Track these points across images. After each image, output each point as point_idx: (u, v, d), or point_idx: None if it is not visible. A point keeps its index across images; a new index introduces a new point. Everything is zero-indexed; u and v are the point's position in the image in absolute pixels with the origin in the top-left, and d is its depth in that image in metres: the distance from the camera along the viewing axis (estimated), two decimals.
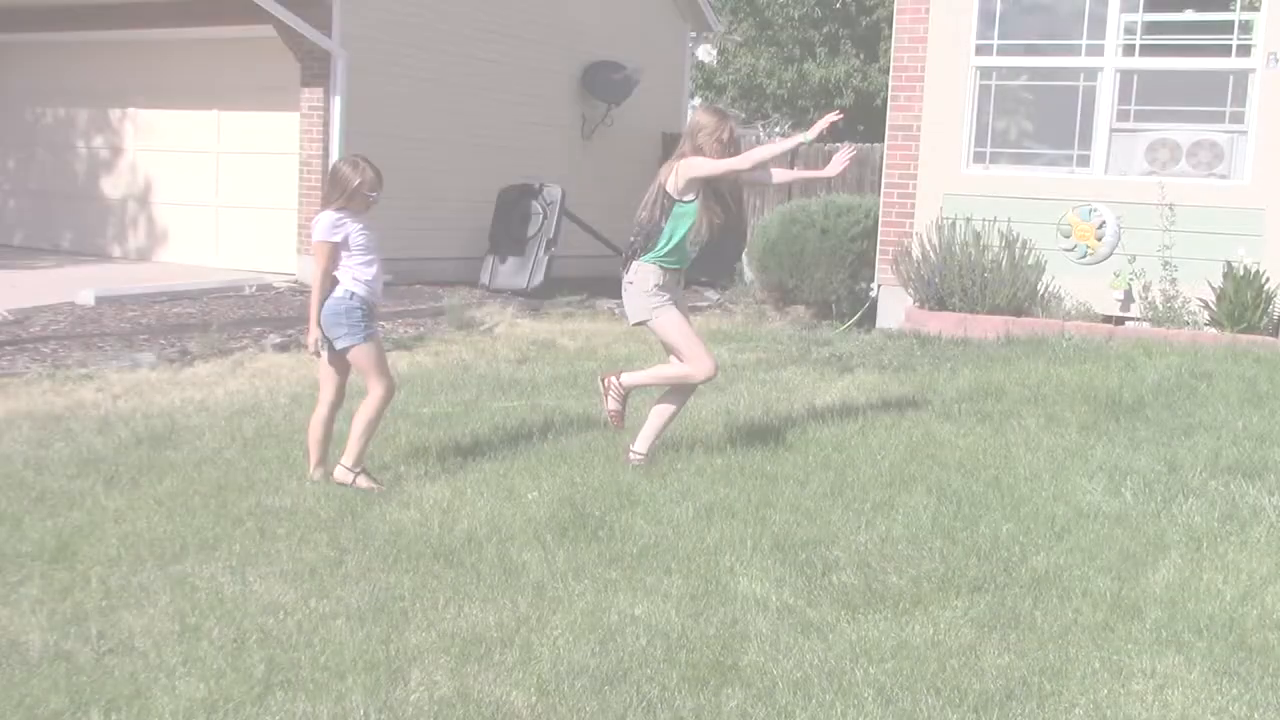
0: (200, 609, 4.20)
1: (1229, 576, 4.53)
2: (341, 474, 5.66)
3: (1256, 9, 9.85)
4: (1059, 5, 10.74)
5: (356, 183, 5.66)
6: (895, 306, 10.97)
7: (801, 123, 25.66)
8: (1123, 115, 10.45)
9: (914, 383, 8.01)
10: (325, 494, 5.51)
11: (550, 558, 4.69)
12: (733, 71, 25.54)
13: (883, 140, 11.70)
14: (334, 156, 13.44)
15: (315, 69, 13.17)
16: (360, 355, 5.73)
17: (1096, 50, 10.39)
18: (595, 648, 3.89)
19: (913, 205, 11.08)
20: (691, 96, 24.10)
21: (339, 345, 5.74)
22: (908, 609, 4.24)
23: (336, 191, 5.71)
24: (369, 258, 5.75)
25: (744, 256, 14.71)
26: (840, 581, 4.46)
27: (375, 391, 5.76)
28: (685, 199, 6.04)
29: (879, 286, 11.42)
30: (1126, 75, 10.39)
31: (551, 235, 14.14)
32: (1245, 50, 9.96)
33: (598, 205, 16.14)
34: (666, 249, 6.09)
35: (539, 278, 13.92)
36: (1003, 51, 10.81)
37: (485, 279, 14.15)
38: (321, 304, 5.69)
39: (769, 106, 25.88)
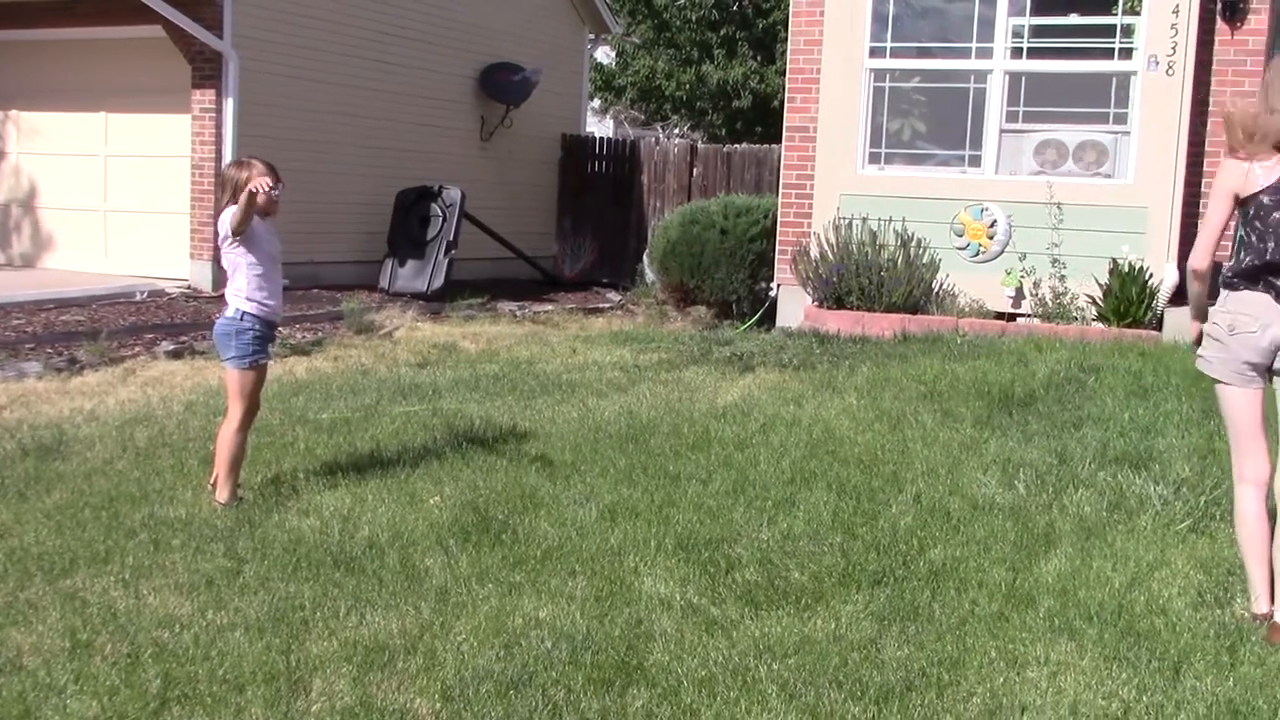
0: (92, 624, 4.09)
1: (1117, 564, 4.67)
2: (217, 507, 5.42)
3: (1137, 13, 10.16)
4: (950, 8, 10.96)
5: (245, 177, 5.38)
6: (795, 305, 11.10)
7: (701, 124, 25.82)
8: (1012, 116, 10.70)
9: (814, 381, 8.11)
10: (223, 505, 5.41)
11: (454, 563, 4.66)
12: (631, 73, 25.58)
13: (780, 142, 11.83)
14: (227, 160, 13.19)
15: (206, 70, 12.90)
16: (236, 378, 5.51)
17: (986, 53, 10.62)
18: (500, 652, 3.88)
19: (810, 205, 11.22)
20: (591, 98, 24.13)
21: (224, 361, 5.58)
22: (810, 604, 4.29)
23: (228, 193, 5.48)
24: (266, 271, 5.49)
25: (645, 257, 14.78)
26: (743, 579, 4.50)
27: (232, 416, 5.49)
28: None
29: (778, 286, 11.55)
30: (1015, 77, 10.64)
31: (451, 238, 14.04)
32: (1127, 53, 10.26)
33: (498, 207, 16.08)
34: None
35: (439, 281, 13.81)
36: (896, 54, 11.00)
37: (384, 282, 14.00)
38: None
39: (668, 108, 25.97)
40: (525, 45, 16.81)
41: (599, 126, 26.12)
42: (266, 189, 5.25)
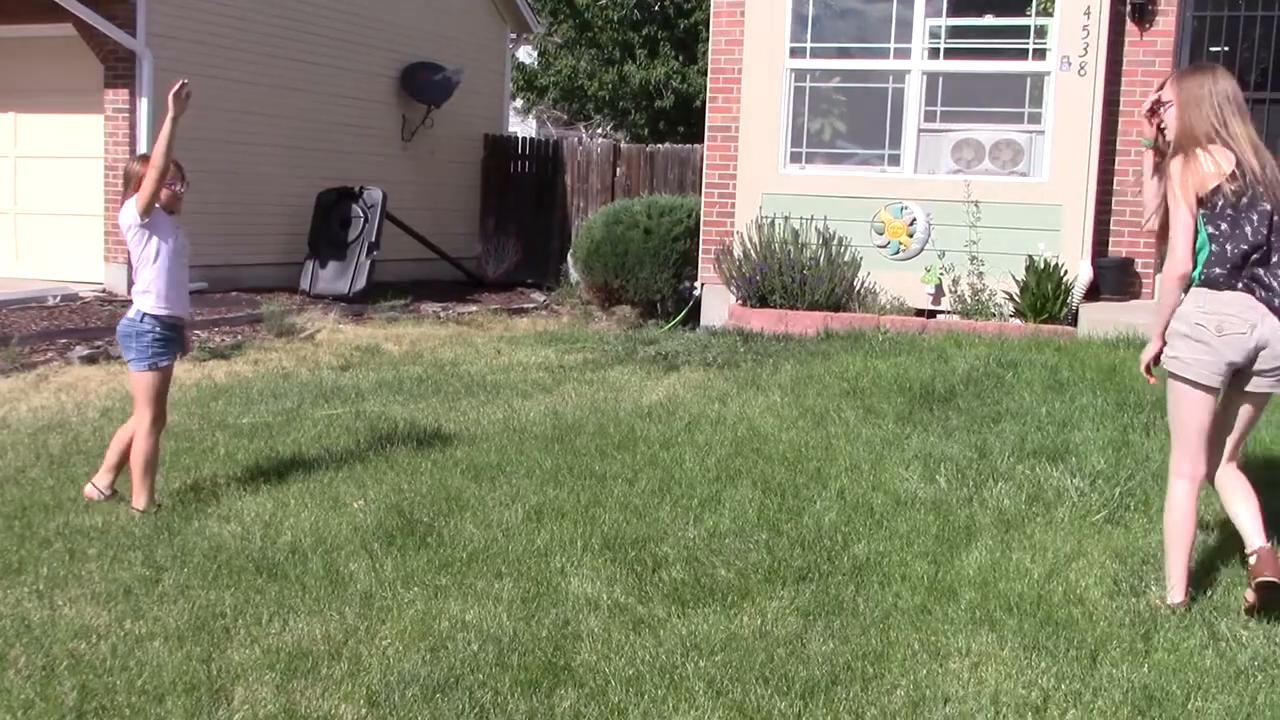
0: (5, 637, 3.99)
1: (1036, 556, 4.75)
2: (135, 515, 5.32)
3: (1050, 14, 10.35)
4: (868, 10, 11.08)
5: (144, 171, 5.30)
6: (719, 304, 11.16)
7: (623, 124, 25.83)
8: (930, 116, 10.85)
9: (738, 379, 8.16)
10: (140, 511, 5.31)
11: (378, 567, 4.62)
12: (554, 73, 25.53)
13: (703, 141, 11.88)
14: None
15: (119, 70, 12.64)
16: (138, 380, 5.40)
17: (904, 53, 10.75)
18: (426, 656, 3.85)
19: (733, 205, 11.28)
20: (513, 98, 24.04)
21: (127, 363, 5.47)
22: (736, 601, 4.31)
23: (131, 187, 5.36)
24: (171, 265, 5.39)
25: (569, 257, 14.76)
26: (670, 577, 4.51)
27: (140, 420, 5.38)
28: None
29: (702, 285, 11.60)
30: (933, 77, 10.79)
31: (373, 239, 13.91)
32: (1041, 54, 10.46)
33: (421, 208, 15.96)
34: None
35: (361, 282, 13.67)
36: (816, 54, 11.10)
37: (306, 284, 13.83)
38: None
39: (591, 108, 25.97)
40: (446, 45, 16.70)
41: (522, 126, 26.03)
42: (185, 94, 5.38)
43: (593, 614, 4.19)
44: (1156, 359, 4.43)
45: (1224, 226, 4.20)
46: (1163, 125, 4.45)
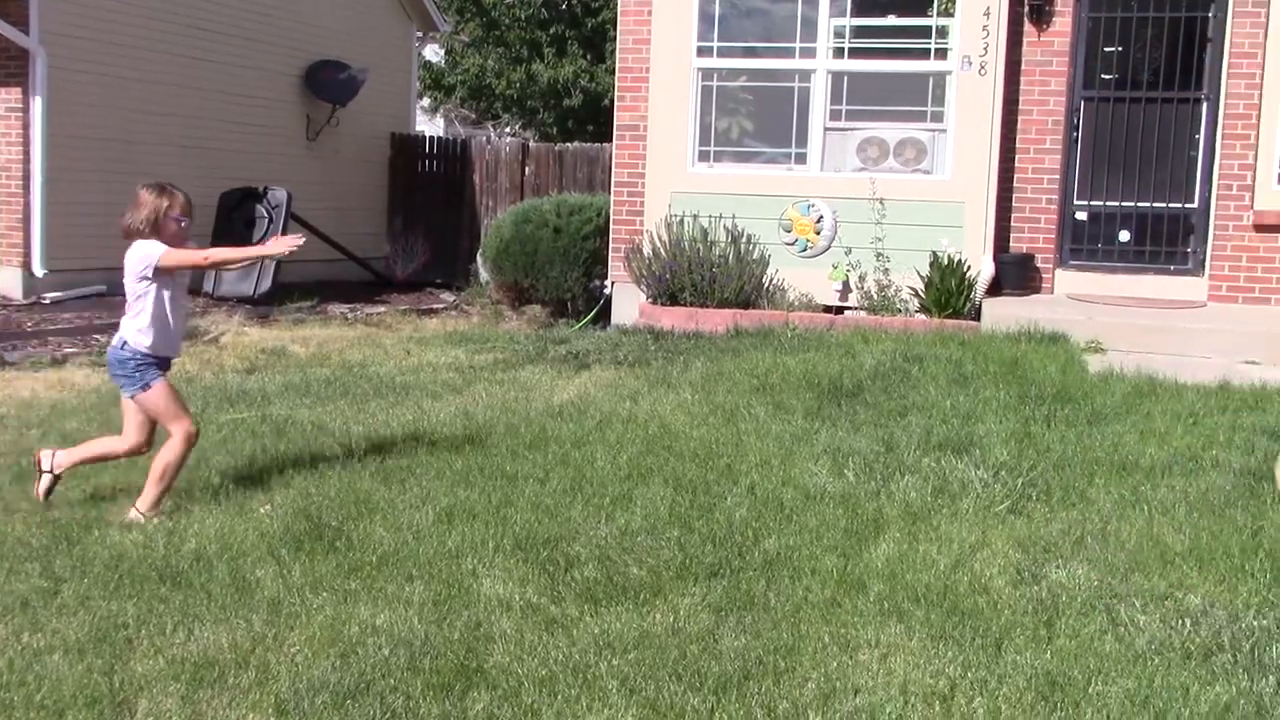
0: None
1: (942, 547, 4.83)
2: (133, 515, 5.25)
3: (951, 15, 10.53)
4: (774, 9, 11.18)
5: (165, 205, 5.19)
6: (629, 303, 11.17)
7: (532, 123, 25.76)
8: (835, 115, 10.98)
9: (649, 377, 8.18)
10: (38, 521, 5.17)
11: (286, 572, 4.54)
12: (461, 72, 25.37)
13: (612, 140, 11.89)
14: (35, 161, 12.63)
15: (12, 68, 12.32)
16: (143, 403, 5.33)
17: (809, 53, 10.87)
18: (336, 662, 3.80)
19: (643, 203, 11.31)
20: (420, 97, 23.84)
21: (124, 394, 5.38)
22: (649, 599, 4.32)
23: (144, 220, 5.19)
24: (173, 310, 5.31)
25: (479, 257, 14.68)
26: (582, 576, 4.51)
27: (174, 436, 5.33)
28: None
29: (613, 284, 11.61)
30: (838, 76, 10.92)
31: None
32: (943, 54, 10.64)
33: (327, 208, 15.75)
34: None
35: (266, 284, 13.45)
36: (723, 53, 11.16)
37: (208, 287, 13.56)
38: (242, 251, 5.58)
39: (499, 107, 25.85)
40: (351, 43, 16.51)
41: (429, 125, 25.83)
42: (287, 251, 5.27)
43: (505, 615, 4.17)
44: None
45: None
46: None
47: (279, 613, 4.19)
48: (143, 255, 5.23)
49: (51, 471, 5.46)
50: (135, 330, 5.31)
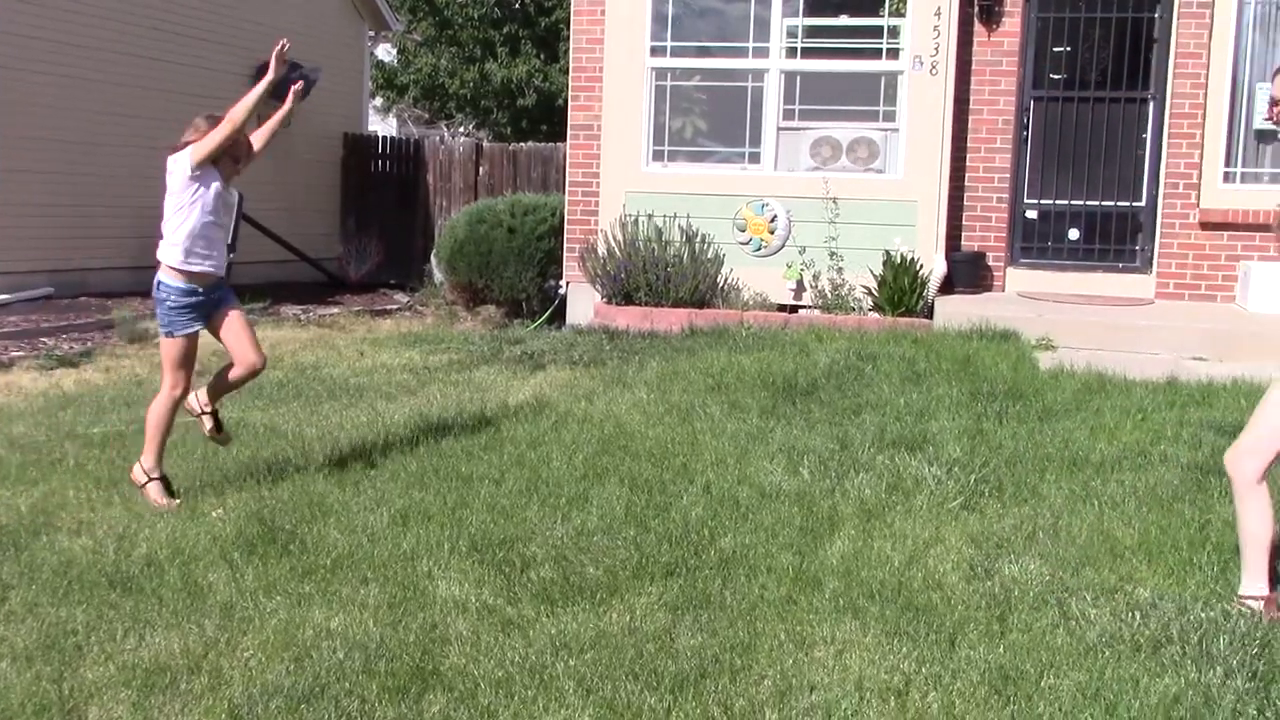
0: None
1: (896, 544, 4.87)
2: (136, 472, 5.42)
3: (903, 15, 10.61)
4: (727, 9, 11.21)
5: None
6: (584, 303, 11.16)
7: (486, 123, 25.67)
8: (789, 114, 11.02)
9: (604, 377, 8.18)
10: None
11: (239, 576, 4.50)
12: (414, 71, 25.24)
13: (566, 140, 11.88)
14: None
15: None
16: (164, 347, 5.52)
17: (762, 52, 10.91)
18: (290, 666, 3.77)
19: (597, 203, 11.30)
20: (372, 96, 23.70)
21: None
22: (605, 599, 4.32)
23: (196, 134, 5.39)
24: (211, 224, 5.45)
25: (433, 257, 14.60)
26: (539, 577, 4.50)
27: (162, 389, 5.53)
28: None
29: (567, 284, 11.60)
30: (791, 76, 10.96)
31: (229, 240, 13.51)
32: (894, 54, 10.71)
33: (279, 208, 15.62)
34: None
35: None
36: (676, 53, 11.18)
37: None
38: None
39: (452, 107, 25.74)
40: (303, 42, 16.30)
41: (382, 125, 25.67)
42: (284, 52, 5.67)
43: (461, 617, 4.16)
44: None
45: None
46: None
47: (232, 617, 4.15)
48: (177, 157, 5.41)
49: (206, 410, 5.63)
50: (169, 247, 5.44)
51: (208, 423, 5.71)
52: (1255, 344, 8.87)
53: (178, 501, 5.38)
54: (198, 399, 5.68)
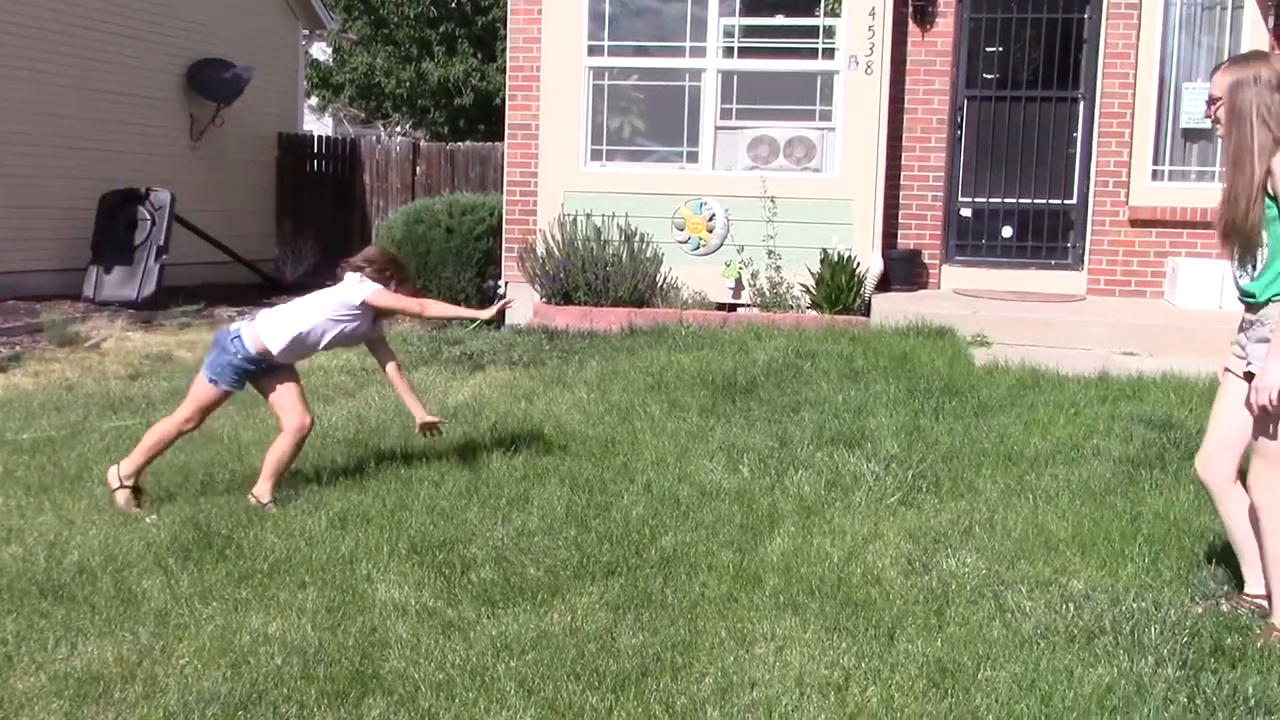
0: None
1: (836, 540, 4.90)
2: (111, 475, 5.39)
3: (838, 15, 10.69)
4: (665, 8, 11.23)
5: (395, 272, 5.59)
6: (524, 302, 11.12)
7: (423, 122, 25.52)
8: (726, 114, 11.07)
9: (544, 376, 8.16)
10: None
11: (174, 583, 4.44)
12: (349, 70, 25.02)
13: (504, 139, 11.84)
14: None
15: None
16: (199, 385, 5.47)
17: (699, 52, 10.94)
18: (227, 673, 3.72)
19: (535, 203, 11.28)
20: (308, 96, 23.47)
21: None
22: (546, 599, 4.31)
23: (377, 273, 5.55)
24: (315, 340, 5.51)
25: None
26: (479, 578, 4.48)
27: (176, 416, 5.50)
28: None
29: (506, 284, 11.56)
30: (728, 76, 11.01)
31: (162, 242, 13.36)
32: (830, 53, 10.79)
33: (213, 209, 15.42)
34: None
35: (150, 288, 13.11)
36: (614, 52, 11.19)
37: (90, 291, 13.18)
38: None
39: (389, 106, 25.56)
40: (235, 41, 16.17)
41: (318, 125, 25.43)
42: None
43: (401, 619, 4.13)
44: None
45: None
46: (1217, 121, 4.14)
47: (167, 624, 4.09)
48: (358, 288, 5.48)
49: (124, 479, 5.42)
50: (269, 330, 5.40)
51: (121, 497, 5.40)
52: (1183, 339, 9.04)
53: (147, 516, 5.23)
54: (119, 471, 5.44)
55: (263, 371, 5.49)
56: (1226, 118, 4.03)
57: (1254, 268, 4.04)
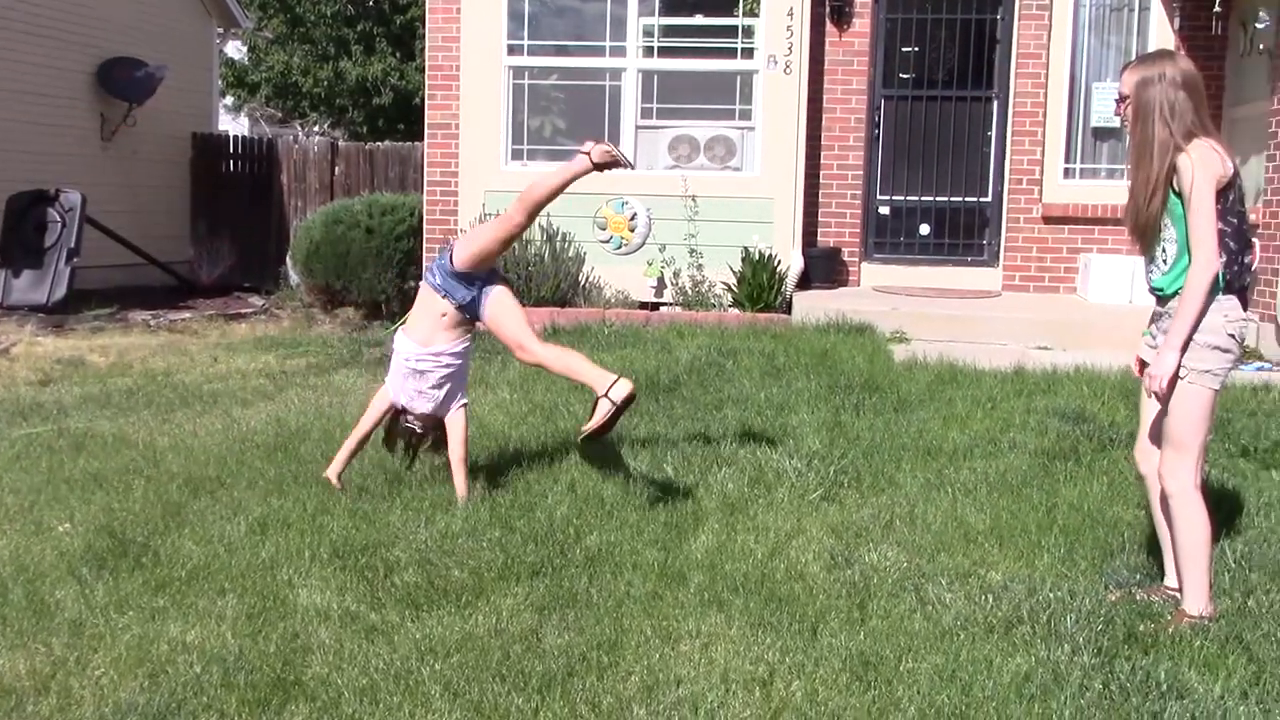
0: None
1: (759, 536, 4.94)
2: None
3: (756, 15, 10.76)
4: (584, 8, 11.22)
5: None
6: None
7: (341, 122, 25.22)
8: (647, 113, 11.09)
9: None
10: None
11: (88, 592, 4.34)
12: (265, 69, 24.66)
13: (424, 139, 11.75)
14: None
15: None
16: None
17: (619, 51, 10.95)
18: (144, 683, 3.66)
19: (456, 202, 11.21)
20: (223, 95, 23.09)
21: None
22: (471, 601, 4.29)
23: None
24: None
25: (288, 259, 14.29)
26: (403, 581, 4.44)
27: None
28: None
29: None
30: (648, 75, 11.03)
31: (73, 245, 13.06)
32: (749, 53, 10.86)
33: (126, 211, 15.11)
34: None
35: (61, 291, 12.82)
36: (533, 52, 11.16)
37: None
38: None
39: (306, 106, 25.22)
40: (147, 39, 15.86)
41: (234, 125, 25.02)
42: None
43: (323, 625, 4.08)
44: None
45: (1235, 223, 4.05)
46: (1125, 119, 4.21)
47: (82, 634, 4.01)
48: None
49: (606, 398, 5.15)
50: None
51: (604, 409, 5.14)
52: (1096, 333, 9.25)
53: (60, 525, 5.10)
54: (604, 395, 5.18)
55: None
56: (1132, 115, 4.13)
57: (1164, 262, 4.14)
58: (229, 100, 25.58)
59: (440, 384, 5.51)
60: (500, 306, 5.46)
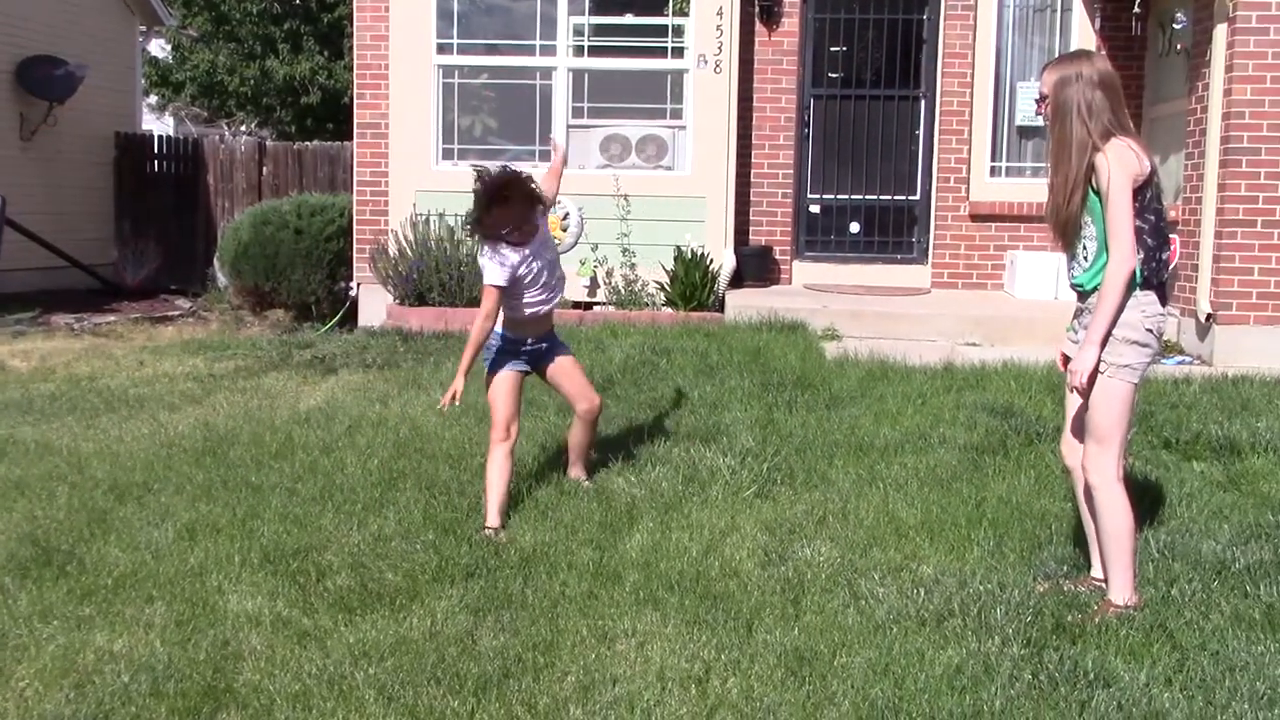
0: None
1: (694, 534, 4.96)
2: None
3: (686, 14, 10.79)
4: (514, 7, 11.18)
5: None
6: (376, 304, 10.97)
7: (269, 121, 24.91)
8: (578, 112, 11.08)
9: (399, 379, 8.05)
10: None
11: (11, 602, 4.25)
12: (190, 68, 24.28)
13: (353, 139, 11.64)
14: None
15: None
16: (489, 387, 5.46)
17: (550, 50, 10.93)
18: (70, 694, 3.59)
19: (387, 203, 11.12)
20: (146, 94, 22.71)
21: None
22: (405, 604, 4.26)
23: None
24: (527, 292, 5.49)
25: (216, 261, 14.09)
26: (336, 586, 4.40)
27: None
28: None
29: (359, 285, 11.38)
30: (579, 74, 11.02)
31: None
32: (679, 52, 10.89)
33: (47, 212, 14.80)
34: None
35: None
36: (463, 50, 11.10)
37: None
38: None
39: (233, 105, 24.88)
40: (67, 37, 15.54)
41: (158, 124, 24.61)
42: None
43: (254, 631, 4.03)
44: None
45: (1153, 220, 4.12)
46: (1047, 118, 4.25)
47: (4, 646, 3.92)
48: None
49: (495, 525, 5.09)
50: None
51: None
52: (1022, 329, 9.39)
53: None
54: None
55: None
56: (1051, 114, 4.20)
57: (1085, 259, 4.21)
58: (153, 99, 25.17)
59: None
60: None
